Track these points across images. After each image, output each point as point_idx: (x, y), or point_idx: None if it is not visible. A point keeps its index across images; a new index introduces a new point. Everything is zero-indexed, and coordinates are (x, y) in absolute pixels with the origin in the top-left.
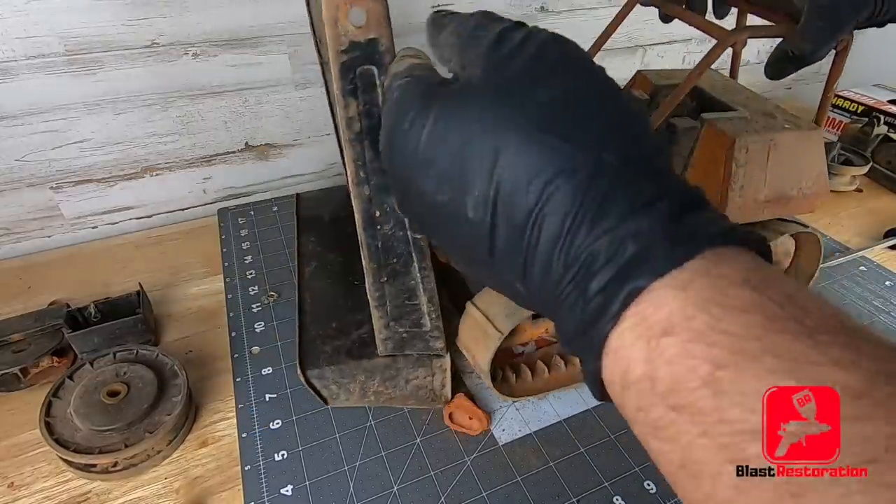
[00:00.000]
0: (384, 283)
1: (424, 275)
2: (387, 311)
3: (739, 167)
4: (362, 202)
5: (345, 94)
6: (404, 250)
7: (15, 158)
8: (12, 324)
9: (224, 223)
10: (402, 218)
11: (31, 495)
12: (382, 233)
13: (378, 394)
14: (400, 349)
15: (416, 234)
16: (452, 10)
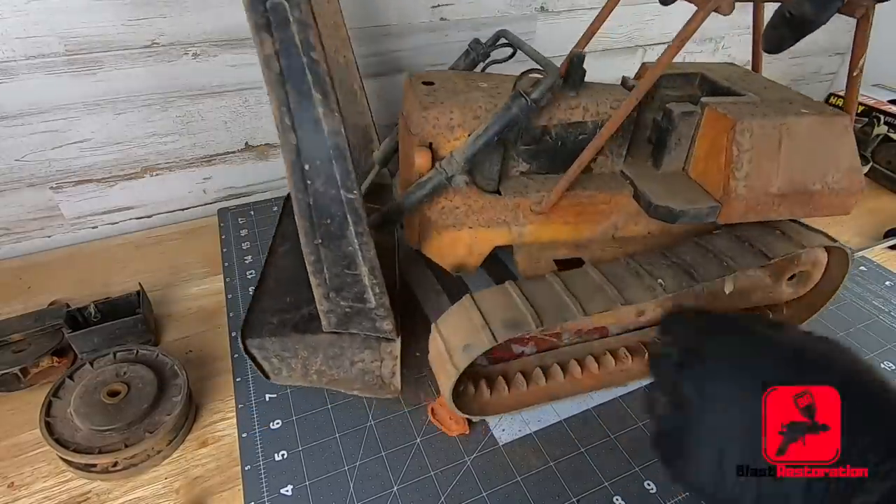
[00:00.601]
0: (319, 245)
1: (362, 241)
2: (325, 278)
3: (743, 152)
4: (291, 153)
5: (258, 30)
6: (338, 211)
7: (15, 158)
8: (12, 324)
9: (224, 223)
10: (332, 174)
11: (31, 495)
12: (314, 188)
13: (321, 374)
14: (344, 326)
15: (349, 195)
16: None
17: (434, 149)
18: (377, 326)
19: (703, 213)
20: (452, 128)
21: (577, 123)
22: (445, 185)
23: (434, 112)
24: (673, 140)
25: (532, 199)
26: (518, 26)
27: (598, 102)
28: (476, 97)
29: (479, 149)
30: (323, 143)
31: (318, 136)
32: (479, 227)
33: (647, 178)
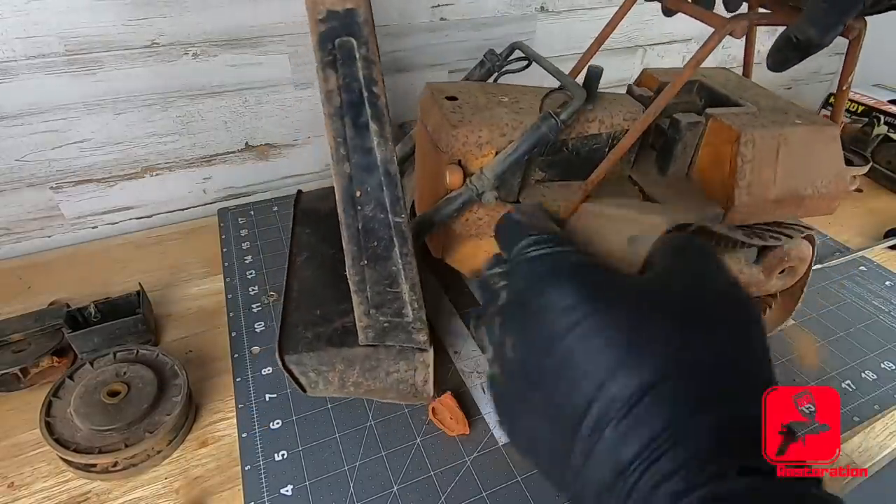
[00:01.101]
0: (364, 266)
1: (406, 261)
2: (367, 297)
3: (746, 162)
4: (343, 181)
5: (324, 67)
6: (385, 234)
7: (15, 158)
8: (12, 324)
9: (224, 223)
10: (382, 200)
11: (31, 495)
12: (363, 214)
13: (357, 385)
14: (381, 339)
15: (397, 218)
16: None
17: (463, 165)
18: (413, 338)
19: (709, 219)
20: (481, 145)
21: (592, 136)
22: (476, 200)
23: (464, 131)
24: (679, 148)
25: (550, 208)
26: (518, 26)
27: (612, 115)
28: (501, 114)
29: (509, 166)
30: (375, 171)
31: (370, 164)
32: None
33: (653, 184)
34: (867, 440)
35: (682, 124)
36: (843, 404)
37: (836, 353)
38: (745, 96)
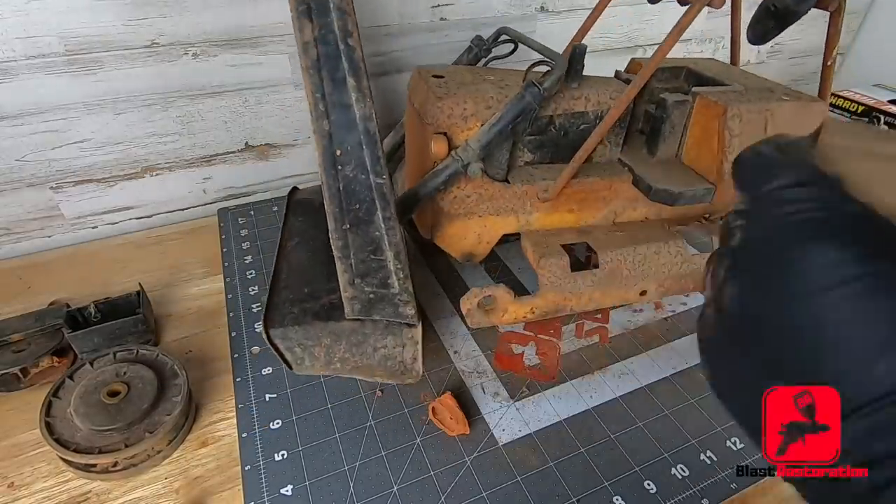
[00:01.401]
0: (347, 231)
1: (389, 226)
2: (351, 264)
3: (734, 137)
4: (323, 139)
5: (299, 16)
6: (367, 196)
7: (15, 158)
8: (12, 324)
9: (224, 223)
10: (363, 159)
11: (31, 495)
12: (344, 174)
13: (344, 361)
14: (367, 313)
15: (378, 179)
16: None
17: (449, 138)
18: (399, 312)
19: (700, 195)
20: (466, 118)
21: (579, 114)
22: (461, 172)
23: (449, 102)
24: (667, 128)
25: (539, 187)
26: (518, 26)
27: (599, 93)
28: (486, 88)
29: (494, 136)
30: (354, 128)
31: (349, 121)
32: (489, 215)
33: (643, 165)
34: None
35: (669, 103)
36: None
37: None
38: (732, 79)
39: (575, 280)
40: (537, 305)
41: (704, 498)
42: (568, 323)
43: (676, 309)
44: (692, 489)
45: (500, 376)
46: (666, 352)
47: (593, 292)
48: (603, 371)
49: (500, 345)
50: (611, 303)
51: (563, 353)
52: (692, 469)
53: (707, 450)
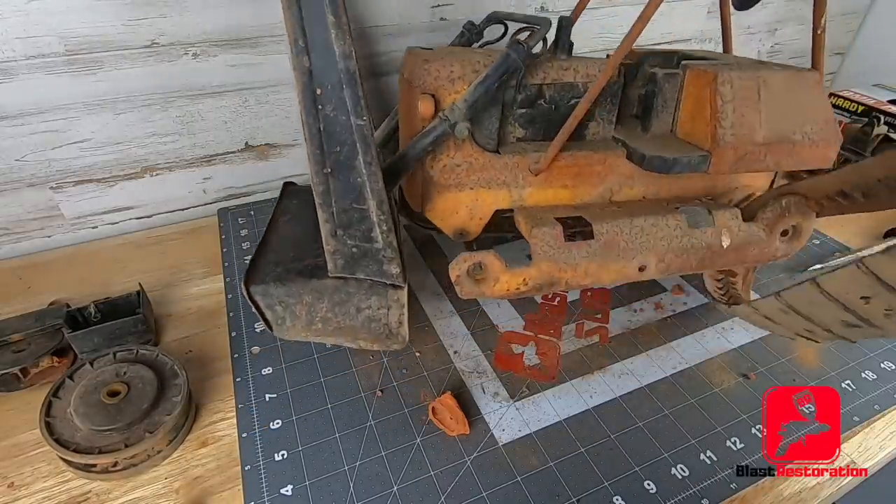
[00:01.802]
0: (328, 175)
1: (371, 171)
2: (333, 213)
3: (726, 102)
4: (303, 76)
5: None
6: (348, 138)
7: (15, 158)
8: (12, 324)
9: (224, 223)
10: (343, 99)
11: (31, 495)
12: (324, 114)
13: (326, 321)
14: (351, 270)
15: (359, 121)
16: None
17: (436, 100)
18: (384, 270)
19: (696, 162)
20: (453, 80)
21: (569, 85)
22: (448, 133)
23: (435, 65)
24: (659, 103)
25: (530, 158)
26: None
27: (588, 66)
28: (474, 55)
29: (480, 95)
30: (334, 67)
31: (329, 59)
32: (480, 188)
33: (638, 140)
34: (867, 440)
35: (659, 76)
36: (843, 404)
37: (836, 353)
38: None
39: (569, 250)
40: (530, 276)
41: (704, 498)
42: (568, 323)
43: (677, 309)
44: (692, 489)
45: (500, 376)
46: (666, 352)
47: (589, 264)
48: (603, 371)
49: (500, 345)
50: (608, 278)
51: (563, 353)
52: (692, 469)
53: (707, 450)
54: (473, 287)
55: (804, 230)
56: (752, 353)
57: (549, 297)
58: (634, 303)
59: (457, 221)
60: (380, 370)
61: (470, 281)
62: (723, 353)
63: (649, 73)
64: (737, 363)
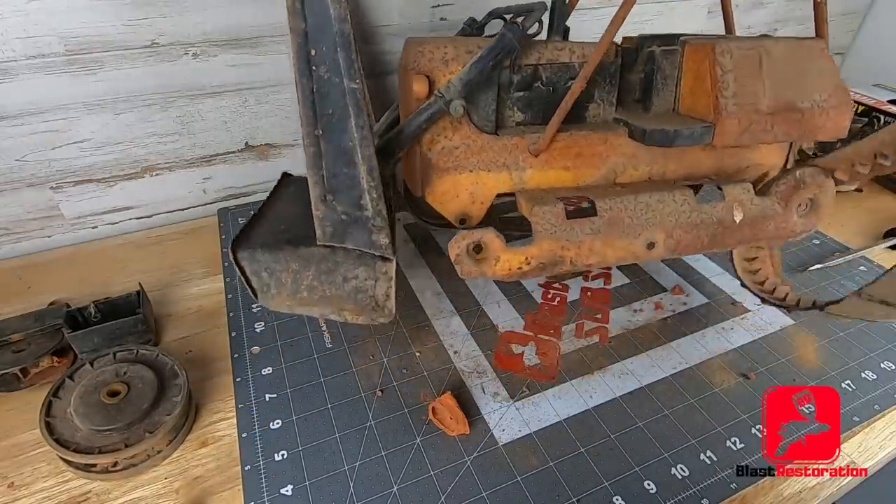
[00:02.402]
0: (319, 137)
1: (363, 135)
2: (322, 176)
3: (726, 72)
4: (298, 37)
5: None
6: (340, 100)
7: (15, 158)
8: (12, 324)
9: (224, 223)
10: (337, 62)
11: (31, 495)
12: (318, 75)
13: (312, 290)
14: (340, 238)
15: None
16: None
17: (431, 81)
18: (373, 240)
19: (698, 134)
20: (447, 62)
21: (565, 66)
22: (444, 110)
23: (429, 46)
24: (659, 80)
25: (529, 140)
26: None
27: (584, 47)
28: (469, 39)
29: (475, 74)
30: (329, 28)
31: (325, 21)
32: (480, 170)
33: (639, 118)
34: (867, 440)
35: (657, 52)
36: (843, 404)
37: (836, 353)
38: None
39: (572, 227)
40: (532, 254)
41: (704, 498)
42: (568, 323)
43: (677, 309)
44: (692, 489)
45: (500, 376)
46: (666, 352)
47: (593, 242)
48: (603, 371)
49: (500, 345)
50: (615, 256)
51: (563, 353)
52: (692, 469)
53: (707, 450)
54: (474, 266)
55: (823, 203)
56: (752, 353)
57: (549, 297)
58: (634, 303)
59: (457, 206)
60: (380, 370)
61: (470, 260)
62: (723, 353)
63: (647, 53)
64: (737, 363)
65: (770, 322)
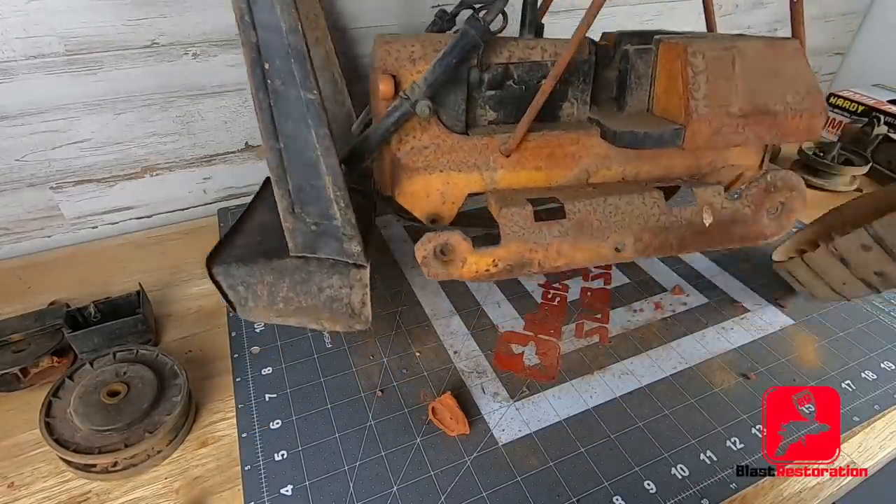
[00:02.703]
0: (280, 150)
1: (325, 146)
2: (288, 189)
3: (698, 73)
4: (251, 51)
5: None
6: (298, 113)
7: (15, 158)
8: (12, 324)
9: (224, 223)
10: (292, 73)
11: (31, 495)
12: (273, 88)
13: (288, 301)
14: (312, 249)
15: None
16: None
17: (397, 81)
18: (345, 249)
19: (668, 136)
20: (414, 60)
21: (537, 65)
22: (410, 111)
23: (396, 45)
24: (632, 79)
25: (500, 139)
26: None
27: (556, 45)
28: (437, 36)
29: (440, 73)
30: (281, 42)
31: (276, 34)
32: (451, 171)
33: (612, 120)
34: (867, 440)
35: (631, 52)
36: (843, 404)
37: (836, 353)
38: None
39: (540, 230)
40: (499, 256)
41: (704, 498)
42: (568, 323)
43: (676, 309)
44: (692, 489)
45: (500, 376)
46: (666, 352)
47: (561, 244)
48: (603, 371)
49: (500, 345)
50: (583, 259)
51: (563, 353)
52: (692, 469)
53: (707, 450)
54: (441, 268)
55: (794, 207)
56: (752, 353)
57: (549, 297)
58: (634, 303)
59: (429, 206)
60: (380, 370)
61: (437, 262)
62: (723, 353)
63: (622, 52)
64: (737, 363)
65: (770, 322)
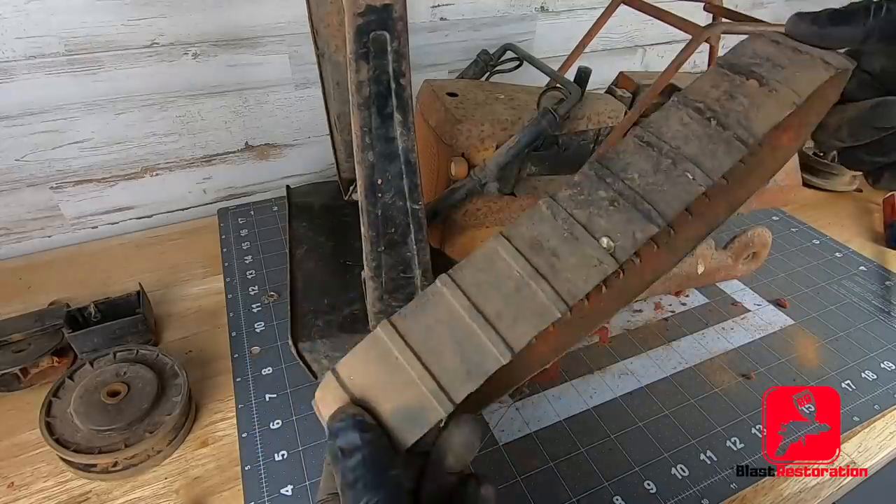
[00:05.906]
0: (381, 252)
1: (420, 246)
2: (382, 282)
3: None
4: (366, 169)
5: (357, 58)
6: (403, 220)
7: (15, 158)
8: (12, 324)
9: (224, 223)
10: (402, 187)
11: (31, 495)
12: (383, 202)
13: None
14: None
15: (415, 205)
16: None
17: (466, 158)
18: None
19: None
20: (483, 139)
21: (581, 132)
22: (478, 190)
23: (468, 125)
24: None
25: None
26: (518, 26)
27: (599, 113)
28: (500, 110)
29: (511, 158)
30: (396, 159)
31: (392, 152)
32: (496, 226)
33: None
34: (867, 440)
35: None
36: (843, 404)
37: (836, 353)
38: None
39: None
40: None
41: (704, 498)
42: None
43: (676, 309)
44: (692, 489)
45: None
46: (666, 352)
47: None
48: (603, 371)
49: None
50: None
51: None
52: (692, 469)
53: (707, 450)
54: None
55: (762, 255)
56: (752, 353)
57: None
58: (634, 303)
59: None
60: None
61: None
62: (723, 353)
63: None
64: (737, 363)
65: (770, 322)
